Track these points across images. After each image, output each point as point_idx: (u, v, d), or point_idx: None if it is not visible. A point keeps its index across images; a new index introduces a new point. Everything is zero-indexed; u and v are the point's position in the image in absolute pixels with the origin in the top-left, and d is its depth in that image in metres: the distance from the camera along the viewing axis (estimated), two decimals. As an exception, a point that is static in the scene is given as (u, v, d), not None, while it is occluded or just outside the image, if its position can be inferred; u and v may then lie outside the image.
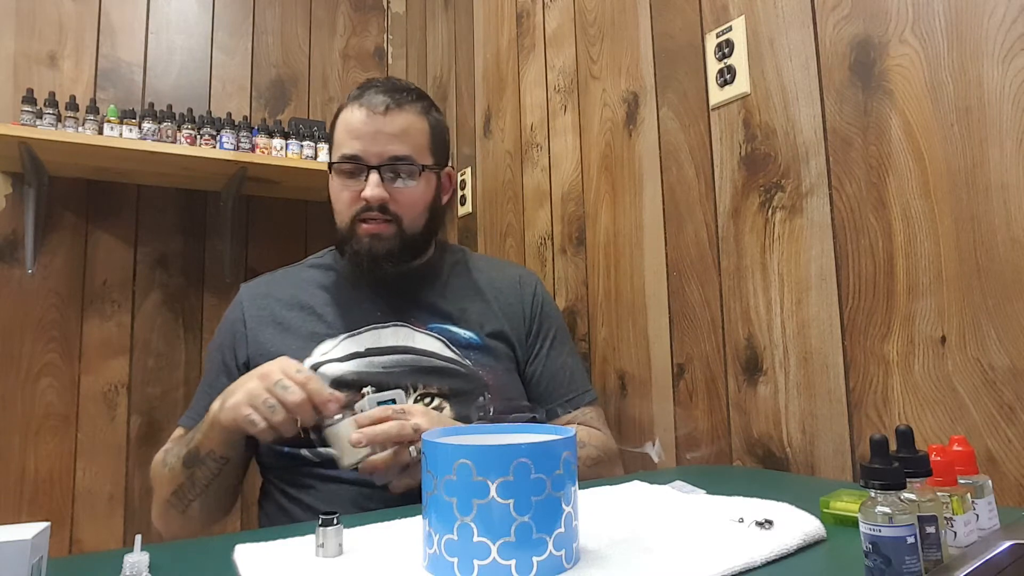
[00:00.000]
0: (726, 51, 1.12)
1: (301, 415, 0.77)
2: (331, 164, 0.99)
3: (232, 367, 1.00)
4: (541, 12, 1.65)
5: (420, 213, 1.01)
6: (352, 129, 0.97)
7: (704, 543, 0.55)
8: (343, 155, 0.97)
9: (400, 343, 0.97)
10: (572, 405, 1.07)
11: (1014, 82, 0.76)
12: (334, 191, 1.00)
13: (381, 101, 0.97)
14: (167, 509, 0.90)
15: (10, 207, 1.82)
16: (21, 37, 1.87)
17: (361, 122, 0.96)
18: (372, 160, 0.96)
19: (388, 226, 0.97)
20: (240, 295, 1.06)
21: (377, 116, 0.96)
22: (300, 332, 0.98)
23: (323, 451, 0.90)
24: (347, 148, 0.97)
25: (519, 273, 1.16)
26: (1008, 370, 0.75)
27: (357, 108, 0.98)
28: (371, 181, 0.95)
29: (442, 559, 0.49)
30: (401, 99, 0.99)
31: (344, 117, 0.99)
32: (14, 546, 0.44)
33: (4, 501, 1.72)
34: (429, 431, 0.58)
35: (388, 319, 0.99)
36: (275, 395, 0.77)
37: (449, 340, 1.00)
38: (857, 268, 0.92)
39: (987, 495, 0.53)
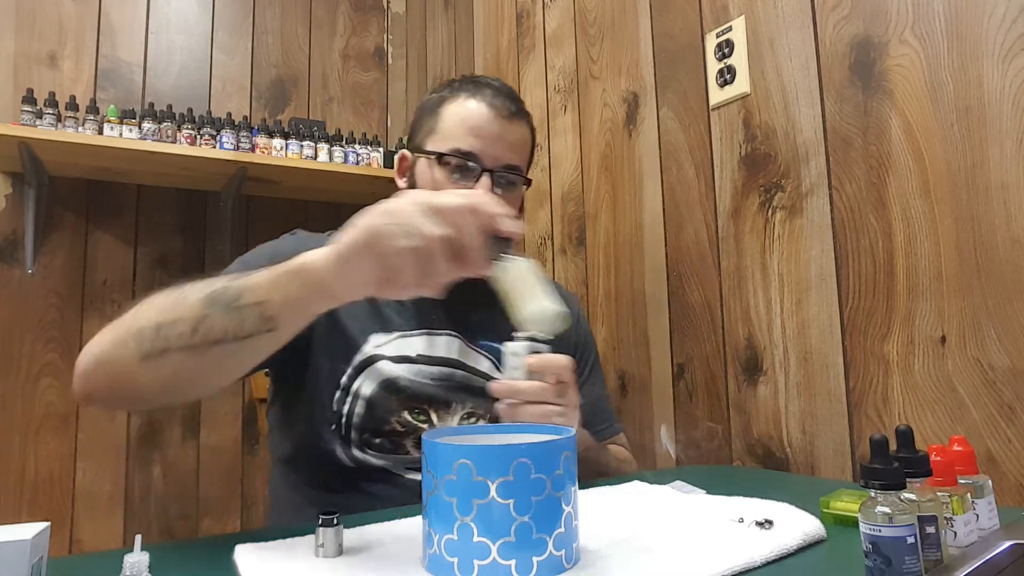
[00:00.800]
0: (726, 51, 1.12)
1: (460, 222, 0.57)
2: (439, 155, 0.90)
3: None
4: (541, 12, 1.65)
5: None
6: (473, 125, 0.90)
7: (704, 543, 0.55)
8: (458, 150, 0.89)
9: (452, 356, 0.93)
10: (605, 435, 1.04)
11: (1014, 82, 0.76)
12: (431, 182, 0.91)
13: (507, 106, 0.92)
14: (128, 339, 0.65)
15: (10, 207, 1.82)
16: (21, 37, 1.87)
17: (485, 121, 0.90)
18: (488, 163, 0.90)
19: None
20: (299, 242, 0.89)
21: (502, 120, 0.91)
22: (353, 314, 0.90)
23: (360, 456, 0.86)
24: (463, 143, 0.89)
25: (564, 296, 1.11)
26: (1008, 370, 0.75)
27: (481, 104, 0.91)
28: (483, 184, 0.89)
29: (442, 559, 0.49)
30: (521, 108, 0.95)
31: (459, 109, 0.92)
32: (14, 546, 0.44)
33: (4, 501, 1.72)
34: (432, 431, 0.58)
35: (443, 326, 0.94)
36: (433, 207, 0.56)
37: (499, 361, 0.95)
38: (857, 268, 0.92)
39: (987, 495, 0.53)
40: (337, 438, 0.86)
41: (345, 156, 2.01)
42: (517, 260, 0.65)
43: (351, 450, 0.87)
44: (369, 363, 0.88)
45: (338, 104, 2.33)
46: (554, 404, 0.73)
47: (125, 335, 0.67)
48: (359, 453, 0.86)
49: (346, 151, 2.02)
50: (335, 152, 2.00)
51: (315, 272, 0.59)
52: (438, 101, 0.95)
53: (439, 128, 0.93)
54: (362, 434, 0.86)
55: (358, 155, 2.03)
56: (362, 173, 1.98)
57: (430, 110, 0.96)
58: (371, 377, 0.87)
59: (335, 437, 0.86)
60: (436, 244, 0.56)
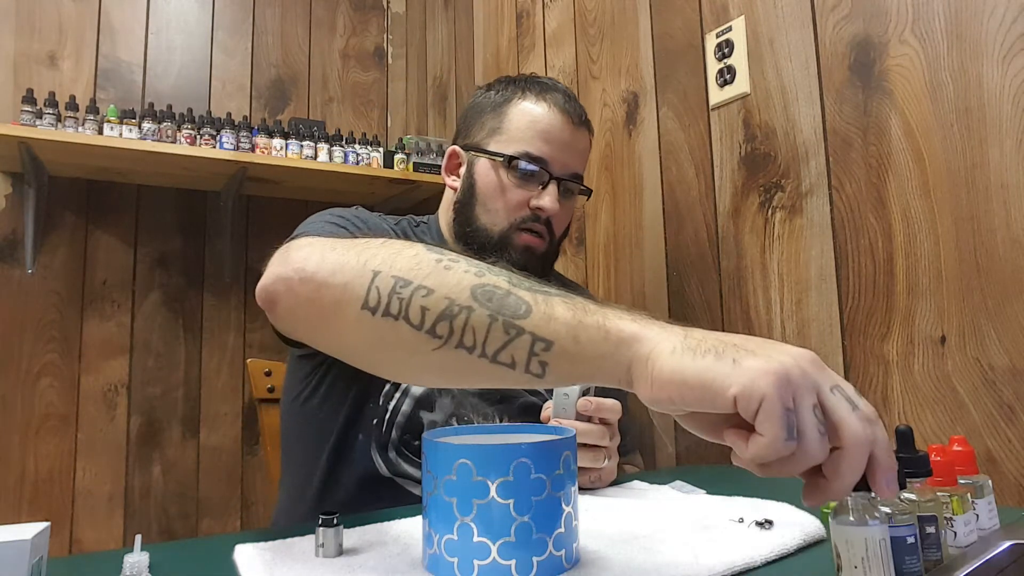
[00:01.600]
0: (726, 51, 1.12)
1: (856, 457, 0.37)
2: (509, 158, 0.87)
3: None
4: (541, 12, 1.65)
5: (564, 235, 0.95)
6: (543, 130, 0.88)
7: (704, 543, 0.55)
8: (528, 154, 0.87)
9: None
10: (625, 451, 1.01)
11: (1014, 82, 0.76)
12: (496, 184, 0.88)
13: (577, 112, 0.90)
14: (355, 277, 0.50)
15: (10, 207, 1.82)
16: (21, 37, 1.87)
17: (557, 127, 0.88)
18: (557, 170, 0.88)
19: (543, 242, 0.90)
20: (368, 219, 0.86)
21: (573, 127, 0.89)
22: None
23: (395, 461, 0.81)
24: (534, 148, 0.87)
25: None
26: (1008, 370, 0.75)
27: (552, 109, 0.88)
28: (551, 192, 0.87)
29: (442, 559, 0.49)
30: (586, 115, 0.93)
31: (529, 111, 0.89)
32: (14, 546, 0.44)
33: (4, 501, 1.72)
34: (432, 431, 0.58)
35: None
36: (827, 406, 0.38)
37: None
38: (857, 268, 0.92)
39: (987, 495, 0.53)
40: (376, 434, 0.81)
41: (345, 156, 2.01)
42: None
43: (387, 452, 0.82)
44: None
45: (338, 104, 2.33)
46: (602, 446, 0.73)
47: (354, 266, 0.51)
48: (394, 455, 0.82)
49: (346, 151, 2.02)
50: (335, 152, 2.00)
51: (642, 360, 0.41)
52: (502, 100, 0.92)
53: (505, 129, 0.90)
54: (403, 434, 0.82)
55: (358, 155, 2.03)
56: (362, 173, 1.98)
57: (492, 108, 0.92)
58: None
59: (374, 433, 0.81)
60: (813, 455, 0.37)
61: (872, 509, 0.40)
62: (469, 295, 0.45)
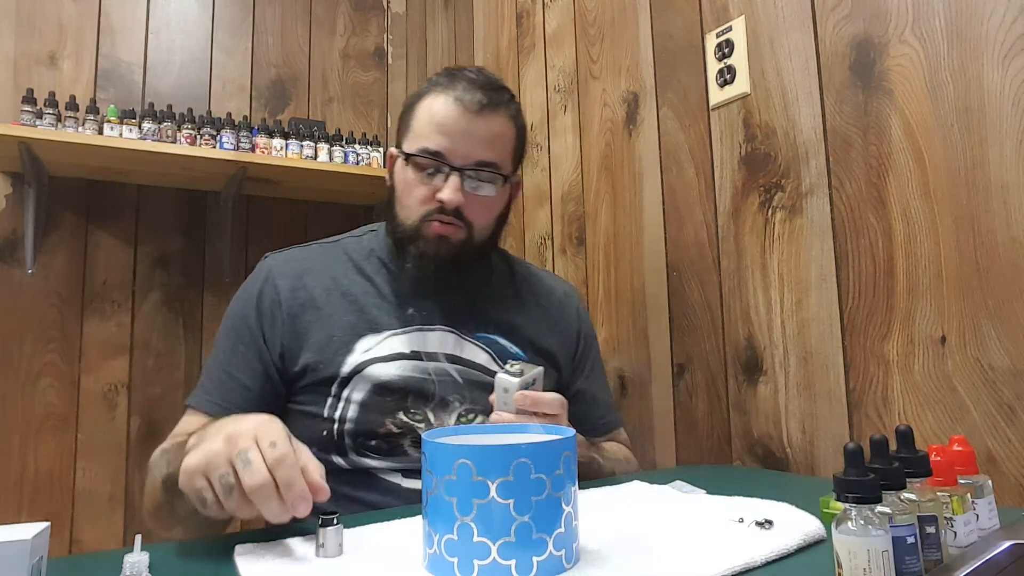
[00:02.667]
0: (726, 51, 1.12)
1: (260, 503, 0.55)
2: (408, 155, 0.90)
3: (265, 350, 0.89)
4: (541, 12, 1.65)
5: (491, 222, 0.95)
6: (439, 123, 0.88)
7: (704, 543, 0.55)
8: (425, 149, 0.88)
9: (447, 350, 0.91)
10: (607, 428, 1.04)
11: (1014, 82, 0.76)
12: (405, 181, 0.91)
13: (476, 99, 0.88)
14: (151, 519, 0.78)
15: (10, 207, 1.82)
16: (21, 37, 1.87)
17: (452, 118, 0.87)
18: (456, 161, 0.88)
19: (458, 231, 0.90)
20: (269, 269, 0.93)
21: (470, 115, 0.88)
22: (341, 323, 0.90)
23: (356, 459, 0.85)
24: (431, 143, 0.88)
25: (560, 287, 1.11)
26: (1008, 370, 0.75)
27: (448, 99, 0.88)
28: (451, 184, 0.87)
29: (442, 559, 0.49)
30: (496, 99, 0.90)
31: (430, 105, 0.90)
32: (14, 546, 0.44)
33: (4, 501, 1.72)
34: (432, 431, 0.58)
35: (435, 322, 0.93)
36: (235, 470, 0.55)
37: (496, 353, 0.94)
38: (857, 268, 0.92)
39: (987, 495, 0.53)
40: (331, 445, 0.85)
41: (345, 156, 2.01)
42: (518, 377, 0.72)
43: (348, 456, 0.86)
44: (360, 369, 0.87)
45: (338, 104, 2.33)
46: None
47: (150, 517, 0.79)
48: (356, 458, 0.86)
49: (346, 151, 2.02)
50: (335, 152, 2.00)
51: None
52: (415, 98, 0.94)
53: (412, 126, 0.92)
54: (356, 438, 0.85)
55: (358, 155, 2.03)
56: (362, 173, 1.98)
57: (408, 108, 0.94)
58: (363, 382, 0.86)
59: (329, 444, 0.85)
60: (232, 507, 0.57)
61: (874, 519, 0.40)
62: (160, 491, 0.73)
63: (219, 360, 0.91)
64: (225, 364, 0.89)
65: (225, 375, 0.88)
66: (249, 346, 0.89)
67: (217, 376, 0.89)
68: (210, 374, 0.90)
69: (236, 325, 0.91)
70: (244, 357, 0.88)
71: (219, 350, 0.91)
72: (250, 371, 0.88)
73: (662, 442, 1.24)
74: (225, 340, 0.91)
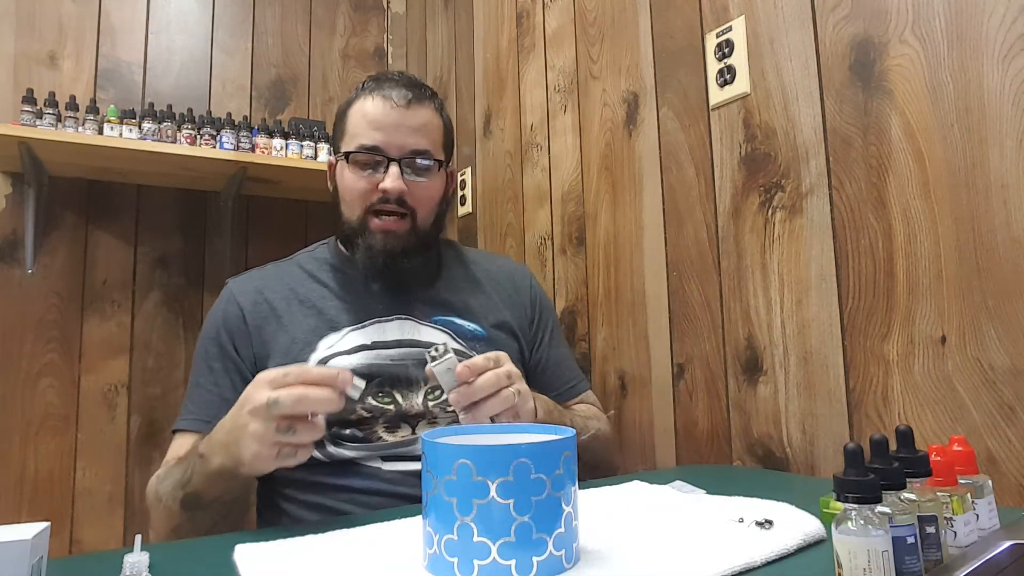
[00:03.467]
0: (726, 51, 1.12)
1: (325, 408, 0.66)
2: (347, 154, 0.96)
3: (240, 362, 0.95)
4: (541, 12, 1.65)
5: (432, 208, 1.00)
6: (372, 120, 0.95)
7: (704, 543, 0.55)
8: (362, 145, 0.94)
9: (406, 336, 0.96)
10: (575, 392, 1.09)
11: (1014, 82, 0.76)
12: (347, 181, 0.97)
13: (403, 95, 0.95)
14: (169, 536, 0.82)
15: (10, 207, 1.82)
16: (21, 37, 1.87)
17: (383, 113, 0.94)
18: (393, 152, 0.94)
19: (403, 222, 0.96)
20: (230, 290, 1.01)
21: (400, 109, 0.95)
22: (302, 326, 0.95)
23: (334, 451, 0.88)
24: (366, 138, 0.94)
25: (511, 265, 1.17)
26: (1008, 370, 0.75)
27: (377, 99, 0.95)
28: (391, 173, 0.93)
29: (442, 559, 0.49)
30: (420, 94, 0.98)
31: (361, 107, 0.97)
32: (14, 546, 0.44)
33: (4, 501, 1.72)
34: (431, 431, 0.58)
35: (391, 312, 0.98)
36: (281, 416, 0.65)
37: (455, 332, 0.99)
38: (857, 268, 0.92)
39: (987, 495, 0.53)
40: None
41: (345, 156, 2.01)
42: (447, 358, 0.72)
43: (325, 448, 0.89)
44: (324, 362, 0.91)
45: (338, 104, 2.33)
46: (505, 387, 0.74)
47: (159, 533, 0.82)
48: (334, 450, 0.88)
49: (346, 151, 2.02)
50: (335, 152, 2.00)
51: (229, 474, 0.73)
52: (346, 105, 1.00)
53: (346, 130, 0.98)
54: (330, 428, 0.88)
55: (358, 155, 2.03)
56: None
57: (341, 115, 1.01)
58: None
59: None
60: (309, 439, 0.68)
61: (874, 519, 0.40)
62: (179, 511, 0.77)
63: (197, 382, 0.96)
64: (203, 383, 0.94)
65: (205, 392, 0.93)
66: (224, 362, 0.95)
67: (198, 396, 0.94)
68: (191, 397, 0.95)
69: (207, 347, 0.97)
70: (221, 373, 0.93)
71: (195, 374, 0.97)
72: (228, 384, 0.93)
73: (662, 442, 1.24)
74: (200, 363, 0.97)
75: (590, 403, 1.11)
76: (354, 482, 0.86)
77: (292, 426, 0.66)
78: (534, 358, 1.08)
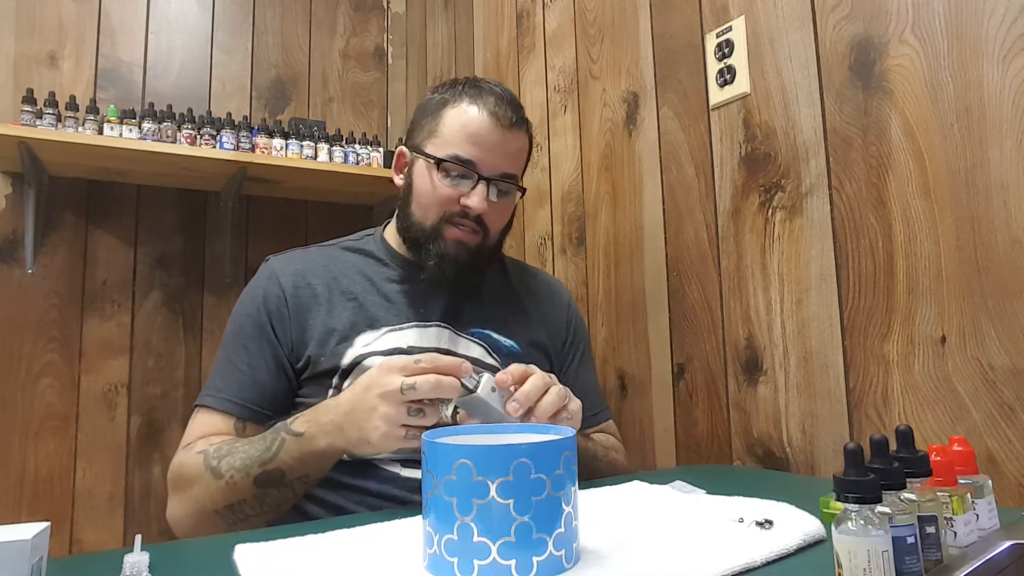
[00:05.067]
0: (726, 51, 1.12)
1: (453, 395, 0.71)
2: (439, 160, 0.92)
3: (278, 347, 0.92)
4: (541, 12, 1.65)
5: (502, 228, 1.00)
6: (474, 133, 0.92)
7: (704, 543, 0.55)
8: (457, 157, 0.91)
9: (443, 346, 0.95)
10: (596, 421, 1.07)
11: (1014, 82, 0.76)
12: (428, 184, 0.94)
13: (508, 115, 0.93)
14: (209, 518, 0.81)
15: (10, 207, 1.82)
16: (21, 37, 1.87)
17: (486, 130, 0.92)
18: (486, 171, 0.92)
19: (476, 236, 0.95)
20: (273, 269, 0.97)
21: (503, 129, 0.92)
22: (341, 318, 0.93)
23: None
24: (463, 151, 0.92)
25: (550, 282, 1.16)
26: (1008, 370, 0.75)
27: (483, 112, 0.92)
28: (479, 192, 0.92)
29: (442, 559, 0.49)
30: (521, 116, 0.96)
31: (462, 114, 0.93)
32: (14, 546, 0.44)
33: (4, 501, 1.72)
34: (431, 431, 0.58)
35: (431, 319, 0.96)
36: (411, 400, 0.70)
37: (491, 347, 0.98)
38: (857, 268, 0.92)
39: (987, 495, 0.53)
40: None
41: (345, 156, 2.01)
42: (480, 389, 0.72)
43: None
44: (359, 360, 0.90)
45: (338, 104, 2.33)
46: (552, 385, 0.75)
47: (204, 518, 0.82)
48: None
49: (346, 151, 2.02)
50: (335, 152, 2.00)
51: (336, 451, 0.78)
52: (440, 103, 0.96)
53: (439, 132, 0.94)
54: None
55: (358, 155, 2.03)
56: (362, 173, 1.98)
57: (432, 111, 0.97)
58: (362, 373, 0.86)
59: None
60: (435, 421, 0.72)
61: (874, 519, 0.40)
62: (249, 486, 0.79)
63: (229, 359, 0.93)
64: (237, 362, 0.91)
65: (238, 372, 0.90)
66: (260, 343, 0.92)
67: (229, 374, 0.91)
68: (220, 373, 0.92)
69: (244, 325, 0.94)
70: (256, 355, 0.91)
71: (227, 350, 0.94)
72: (263, 367, 0.91)
73: (662, 442, 1.24)
74: (234, 340, 0.94)
75: (610, 433, 1.09)
76: (370, 484, 0.85)
77: (422, 408, 0.71)
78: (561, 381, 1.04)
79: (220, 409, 0.89)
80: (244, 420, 0.89)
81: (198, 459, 0.83)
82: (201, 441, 0.87)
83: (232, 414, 0.89)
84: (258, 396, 0.90)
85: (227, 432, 0.88)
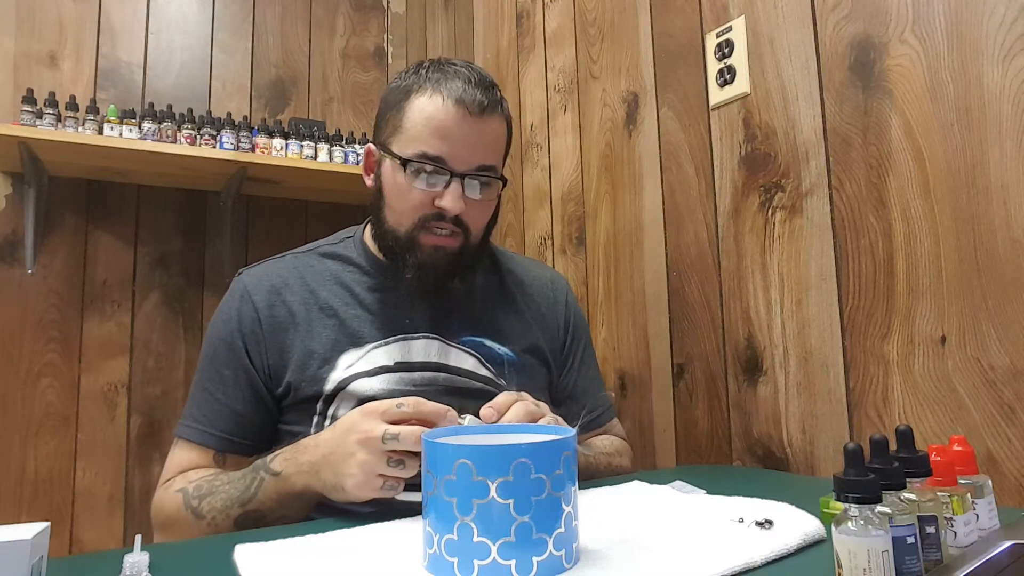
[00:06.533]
0: (726, 51, 1.12)
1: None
2: (405, 160, 0.82)
3: (253, 373, 0.87)
4: (541, 12, 1.65)
5: (485, 225, 0.90)
6: (439, 127, 0.81)
7: (704, 543, 0.55)
8: (424, 154, 0.82)
9: (432, 358, 0.88)
10: (598, 423, 1.02)
11: (1014, 82, 0.76)
12: (398, 187, 0.85)
13: (477, 101, 0.82)
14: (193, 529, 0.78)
15: (10, 207, 1.82)
16: (21, 37, 1.87)
17: (453, 122, 0.81)
18: (458, 166, 0.82)
19: (455, 239, 0.86)
20: (244, 285, 0.90)
21: (472, 117, 0.82)
22: (321, 339, 0.86)
23: None
24: (429, 147, 0.82)
25: (550, 276, 1.07)
26: (1008, 370, 0.75)
27: (447, 101, 0.82)
28: (452, 191, 0.82)
29: (442, 559, 0.49)
30: (493, 98, 0.84)
31: (425, 106, 0.82)
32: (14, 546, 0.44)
33: (4, 501, 1.72)
34: (431, 431, 0.58)
35: (418, 328, 0.89)
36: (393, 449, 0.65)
37: (484, 357, 0.91)
38: (857, 268, 0.92)
39: (987, 495, 0.53)
40: None
41: (345, 156, 2.01)
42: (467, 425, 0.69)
43: None
44: (344, 385, 0.84)
45: (338, 104, 2.33)
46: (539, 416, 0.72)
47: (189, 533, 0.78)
48: None
49: (346, 151, 2.02)
50: (335, 152, 2.00)
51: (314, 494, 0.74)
52: (403, 93, 0.86)
53: (403, 127, 0.84)
54: None
55: (358, 155, 2.03)
56: (362, 173, 1.98)
57: (395, 104, 0.87)
58: (347, 398, 0.83)
59: None
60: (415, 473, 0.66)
61: (874, 519, 0.40)
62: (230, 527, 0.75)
63: (205, 387, 0.87)
64: (213, 391, 0.86)
65: (215, 401, 0.86)
66: (236, 371, 0.86)
67: (205, 402, 0.86)
68: (197, 401, 0.87)
69: (218, 349, 0.88)
70: (231, 383, 0.86)
71: (203, 376, 0.88)
72: (239, 396, 0.85)
73: (662, 442, 1.24)
74: (209, 366, 0.88)
75: (615, 434, 1.03)
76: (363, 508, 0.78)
77: (402, 460, 0.66)
78: (561, 383, 1.00)
79: (198, 442, 0.85)
80: (224, 452, 0.85)
81: (177, 498, 0.79)
82: (179, 478, 0.83)
83: (210, 446, 0.84)
84: (236, 427, 0.85)
85: (207, 465, 0.84)
